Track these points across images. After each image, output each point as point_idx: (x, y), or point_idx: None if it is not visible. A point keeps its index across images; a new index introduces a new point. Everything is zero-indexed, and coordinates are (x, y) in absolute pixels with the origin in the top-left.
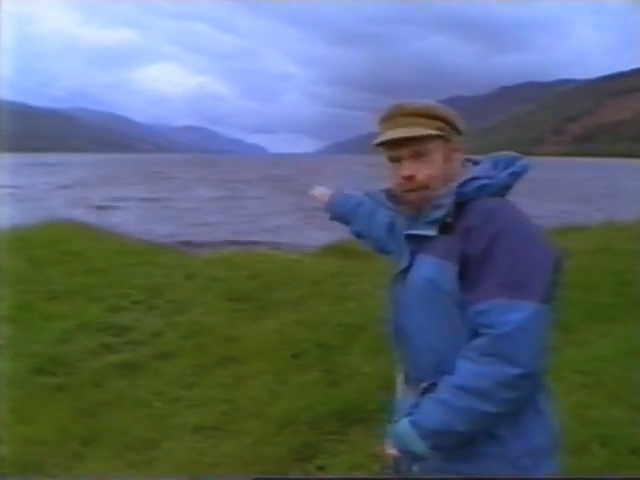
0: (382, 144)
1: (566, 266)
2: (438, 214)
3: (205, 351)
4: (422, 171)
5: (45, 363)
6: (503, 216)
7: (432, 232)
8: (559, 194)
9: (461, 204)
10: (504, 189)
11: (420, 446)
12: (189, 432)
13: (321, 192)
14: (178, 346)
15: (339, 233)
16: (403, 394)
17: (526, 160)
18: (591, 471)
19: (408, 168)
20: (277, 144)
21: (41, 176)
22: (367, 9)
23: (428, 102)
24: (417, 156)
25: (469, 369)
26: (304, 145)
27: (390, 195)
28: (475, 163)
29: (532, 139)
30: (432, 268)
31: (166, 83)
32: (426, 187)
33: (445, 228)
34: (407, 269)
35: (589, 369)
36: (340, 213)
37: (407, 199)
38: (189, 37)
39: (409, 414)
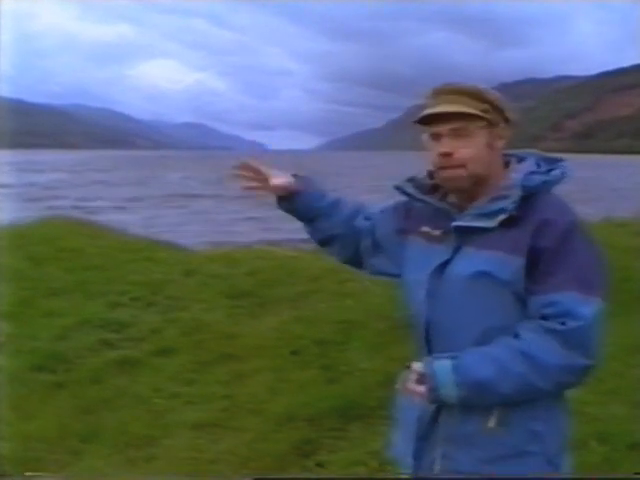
0: (424, 122)
1: None
2: (503, 205)
3: (204, 348)
4: (461, 150)
5: (45, 360)
6: (572, 213)
7: (492, 224)
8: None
9: (525, 197)
10: (556, 186)
11: (453, 393)
12: (189, 429)
13: (284, 180)
14: (177, 343)
15: None
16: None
17: (566, 163)
18: (590, 467)
19: (447, 145)
20: (276, 141)
21: (42, 175)
22: (367, 4)
23: (478, 84)
24: (457, 135)
25: (536, 340)
26: (303, 142)
27: (419, 184)
28: (518, 158)
29: (531, 136)
30: (485, 261)
31: (164, 79)
32: (462, 166)
33: (507, 221)
34: (445, 263)
35: None
36: (308, 206)
37: (441, 176)
38: (187, 33)
39: (453, 357)
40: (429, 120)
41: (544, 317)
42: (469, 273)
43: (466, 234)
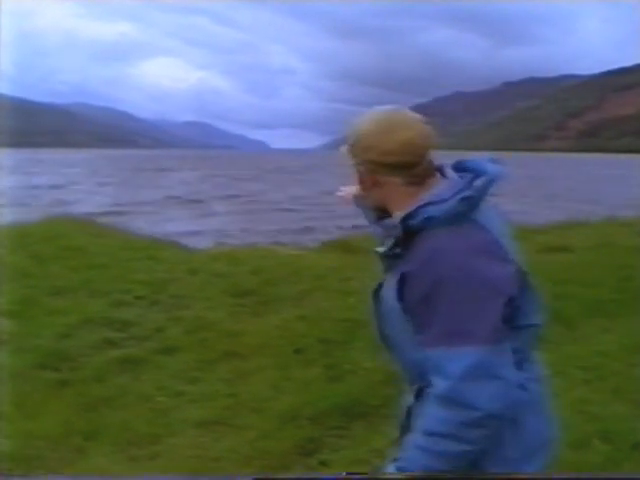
0: None
1: (564, 263)
2: (387, 245)
3: (208, 346)
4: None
5: (48, 358)
6: (442, 262)
7: (388, 253)
8: (558, 190)
9: (411, 233)
10: (457, 216)
11: None
12: (192, 427)
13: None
14: (181, 341)
15: None
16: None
17: (489, 176)
18: (593, 467)
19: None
20: (280, 139)
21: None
22: (371, 2)
23: (356, 129)
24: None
25: (432, 414)
26: (307, 140)
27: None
28: (444, 175)
29: (535, 135)
30: (391, 292)
31: (167, 78)
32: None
33: (399, 256)
34: (382, 284)
35: (591, 365)
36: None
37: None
38: (190, 31)
39: (395, 459)
40: None
41: (429, 371)
42: (385, 299)
43: (386, 260)
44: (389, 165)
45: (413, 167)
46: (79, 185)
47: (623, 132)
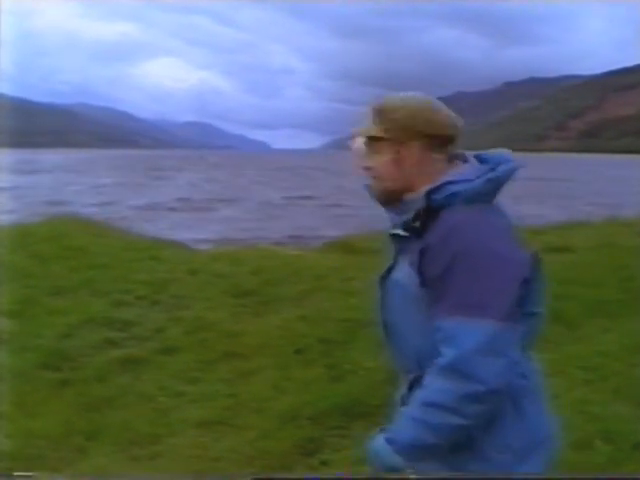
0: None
1: (565, 263)
2: (404, 218)
3: (208, 346)
4: (372, 165)
5: (49, 358)
6: (464, 235)
7: (404, 233)
8: (559, 190)
9: (433, 209)
10: (481, 196)
11: (397, 459)
12: (192, 427)
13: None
14: (182, 341)
15: None
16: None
17: (513, 163)
18: (594, 467)
19: (366, 159)
20: (280, 140)
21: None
22: (372, 2)
23: (389, 100)
24: (370, 151)
25: (434, 385)
26: (307, 141)
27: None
28: (466, 161)
29: (535, 135)
30: (404, 273)
31: (168, 78)
32: (376, 179)
33: (417, 232)
34: (392, 267)
35: (592, 365)
36: None
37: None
38: (190, 31)
39: (384, 430)
40: None
41: (439, 342)
42: (395, 282)
43: (400, 242)
44: (441, 138)
45: (450, 143)
46: (80, 185)
47: (624, 132)
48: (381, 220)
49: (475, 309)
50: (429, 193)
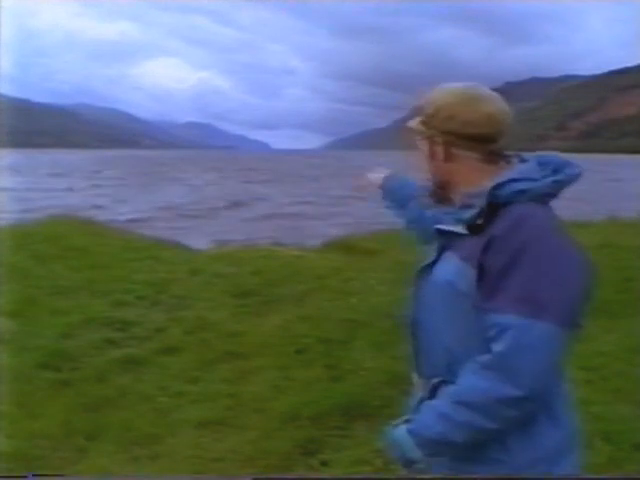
0: None
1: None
2: (467, 214)
3: (209, 346)
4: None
5: (50, 358)
6: (532, 226)
7: (460, 229)
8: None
9: (495, 206)
10: (545, 196)
11: (417, 453)
12: (193, 427)
13: (376, 176)
14: (182, 341)
15: None
16: (416, 388)
17: (578, 169)
18: (594, 467)
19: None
20: (281, 140)
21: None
22: (372, 1)
23: (429, 93)
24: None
25: (470, 383)
26: (308, 141)
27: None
28: (522, 161)
29: (536, 135)
30: (453, 268)
31: (168, 78)
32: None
33: (475, 229)
34: (433, 264)
35: (593, 365)
36: (395, 197)
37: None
38: (190, 31)
39: (407, 421)
40: None
41: (489, 339)
42: (439, 278)
43: (448, 238)
44: (469, 137)
45: (491, 142)
46: (80, 186)
47: (625, 132)
48: (381, 220)
49: (536, 307)
50: (493, 189)
